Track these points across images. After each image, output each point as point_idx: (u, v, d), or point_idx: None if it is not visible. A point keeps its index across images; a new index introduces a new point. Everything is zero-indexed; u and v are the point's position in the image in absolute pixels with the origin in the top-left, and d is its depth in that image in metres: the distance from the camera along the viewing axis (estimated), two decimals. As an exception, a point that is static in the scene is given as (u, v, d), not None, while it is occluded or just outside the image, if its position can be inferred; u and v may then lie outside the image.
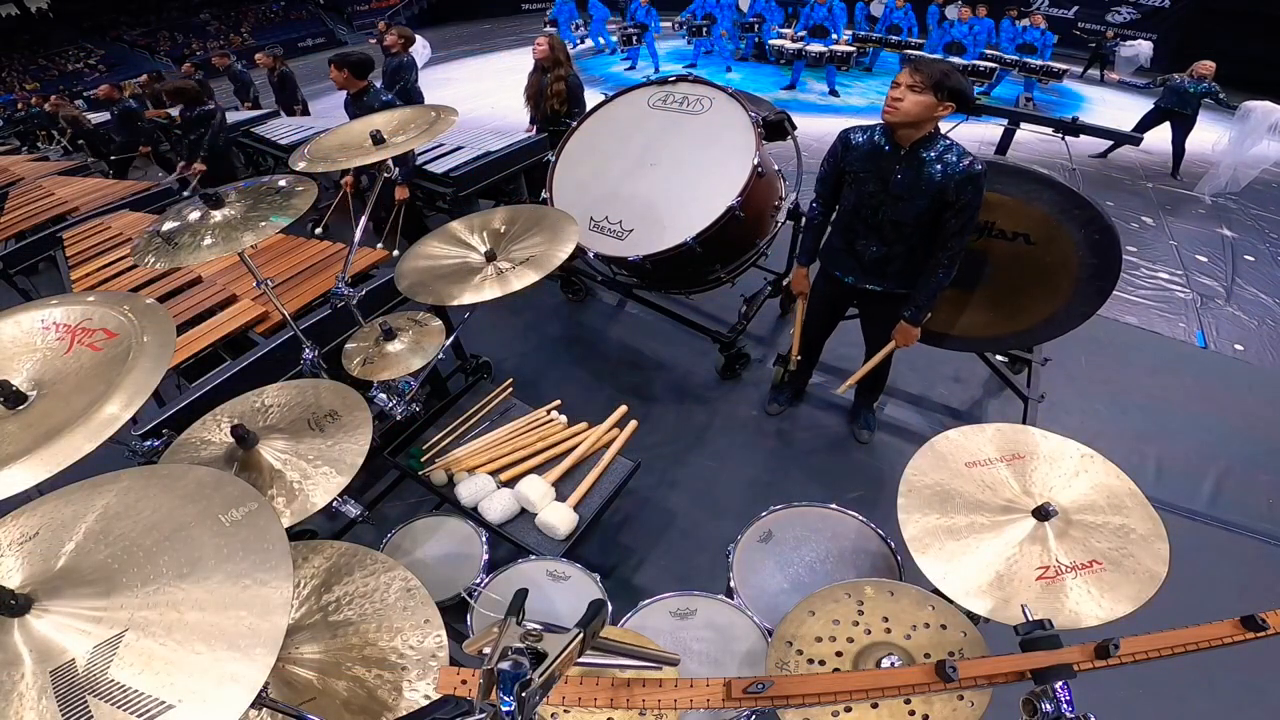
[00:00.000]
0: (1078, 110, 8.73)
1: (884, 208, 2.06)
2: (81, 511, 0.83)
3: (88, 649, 0.68)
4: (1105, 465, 1.24)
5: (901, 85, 1.85)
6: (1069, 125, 2.65)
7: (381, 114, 2.15)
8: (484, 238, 2.02)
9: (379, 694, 1.13)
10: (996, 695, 0.96)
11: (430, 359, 1.93)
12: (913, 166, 1.95)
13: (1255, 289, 4.33)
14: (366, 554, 1.32)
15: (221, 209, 1.65)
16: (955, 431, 1.31)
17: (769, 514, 1.71)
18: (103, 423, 0.95)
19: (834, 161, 2.16)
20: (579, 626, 0.74)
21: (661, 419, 3.00)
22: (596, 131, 3.07)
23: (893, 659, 1.08)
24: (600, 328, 3.77)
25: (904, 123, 1.89)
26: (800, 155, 3.15)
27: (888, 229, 2.10)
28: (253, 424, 1.51)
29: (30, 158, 5.94)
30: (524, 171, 4.11)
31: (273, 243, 2.74)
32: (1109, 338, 3.50)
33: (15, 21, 18.21)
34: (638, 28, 9.99)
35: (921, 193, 1.96)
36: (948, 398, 3.13)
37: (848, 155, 2.10)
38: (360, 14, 19.90)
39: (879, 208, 2.07)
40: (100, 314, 1.14)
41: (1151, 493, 1.20)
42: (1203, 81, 5.95)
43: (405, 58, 5.43)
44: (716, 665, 1.43)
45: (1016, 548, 1.12)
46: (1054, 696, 0.84)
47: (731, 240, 2.73)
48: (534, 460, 2.05)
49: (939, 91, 1.82)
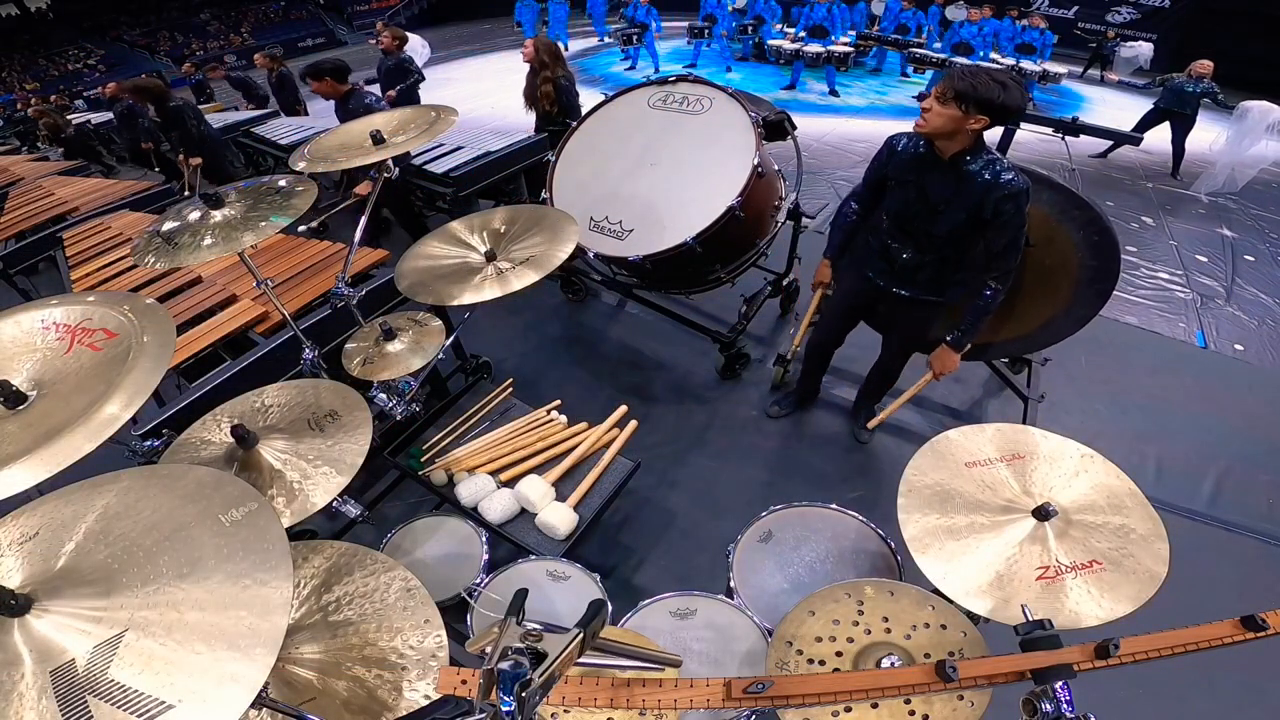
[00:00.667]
0: (1078, 110, 8.73)
1: (919, 218, 2.01)
2: (81, 511, 0.83)
3: (88, 649, 0.68)
4: (1105, 465, 1.24)
5: (932, 95, 1.79)
6: (1069, 125, 2.66)
7: (381, 114, 2.15)
8: (484, 238, 2.02)
9: (379, 694, 1.13)
10: (996, 695, 0.97)
11: (430, 359, 1.93)
12: (952, 178, 1.89)
13: (1255, 289, 4.33)
14: (366, 554, 1.32)
15: (221, 209, 1.65)
16: (955, 431, 1.31)
17: (769, 514, 1.71)
18: (103, 423, 0.95)
19: (878, 166, 2.11)
20: (579, 626, 0.74)
21: (661, 419, 3.00)
22: (596, 131, 3.07)
23: (893, 659, 1.08)
24: (600, 328, 3.77)
25: (934, 134, 1.83)
26: (800, 155, 3.15)
27: (922, 239, 2.06)
28: (253, 424, 1.51)
29: (30, 158, 5.94)
30: (524, 171, 4.12)
31: (273, 243, 2.73)
32: (1109, 338, 3.50)
33: (15, 21, 18.21)
34: (638, 28, 10.00)
35: (959, 206, 1.90)
36: (948, 398, 3.13)
37: (891, 160, 2.05)
38: (360, 14, 19.91)
39: (915, 217, 2.02)
40: (100, 314, 1.14)
41: (1151, 493, 1.20)
42: (1201, 81, 5.95)
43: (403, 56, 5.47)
44: (716, 665, 1.43)
45: (1016, 548, 1.12)
46: (1054, 696, 0.84)
47: (731, 240, 2.73)
48: (534, 460, 2.05)
49: (963, 103, 1.72)
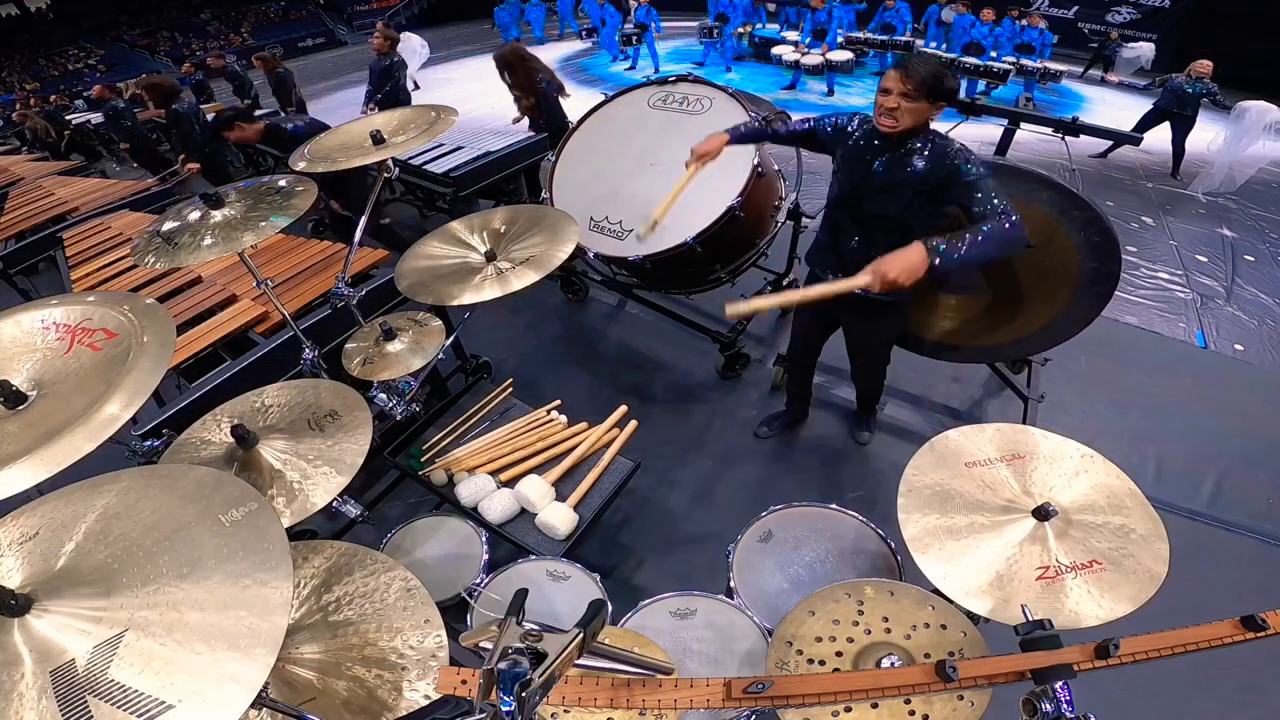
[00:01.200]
0: (1078, 110, 8.73)
1: (867, 199, 1.99)
2: (81, 511, 0.83)
3: (88, 649, 0.68)
4: (1105, 465, 1.24)
5: (894, 93, 1.74)
6: (1069, 125, 2.65)
7: (382, 114, 2.15)
8: (484, 238, 2.02)
9: (379, 694, 1.13)
10: (996, 695, 0.96)
11: (430, 359, 1.93)
12: (901, 156, 1.87)
13: (1255, 289, 4.33)
14: (366, 554, 1.32)
15: (221, 209, 1.66)
16: (955, 431, 1.31)
17: (769, 514, 1.71)
18: (103, 423, 0.95)
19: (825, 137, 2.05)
20: (579, 626, 0.74)
21: (661, 419, 3.00)
22: (596, 131, 3.07)
23: (893, 659, 1.08)
24: (600, 328, 3.77)
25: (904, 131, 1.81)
26: (800, 155, 3.14)
27: (870, 221, 2.02)
28: (253, 424, 1.51)
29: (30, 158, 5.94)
30: (524, 171, 4.12)
31: (273, 243, 2.74)
32: (1109, 338, 3.50)
33: (15, 21, 18.22)
34: (638, 28, 10.01)
35: (906, 182, 1.88)
36: (948, 398, 3.13)
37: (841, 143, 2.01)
38: (360, 14, 19.88)
39: (863, 199, 2.00)
40: (100, 314, 1.14)
41: (1151, 493, 1.20)
42: (1201, 81, 5.95)
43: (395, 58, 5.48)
44: (716, 665, 1.43)
45: (1016, 548, 1.12)
46: (1054, 696, 0.84)
47: (731, 240, 2.73)
48: (534, 460, 2.05)
49: (934, 95, 1.73)
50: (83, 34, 18.66)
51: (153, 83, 4.77)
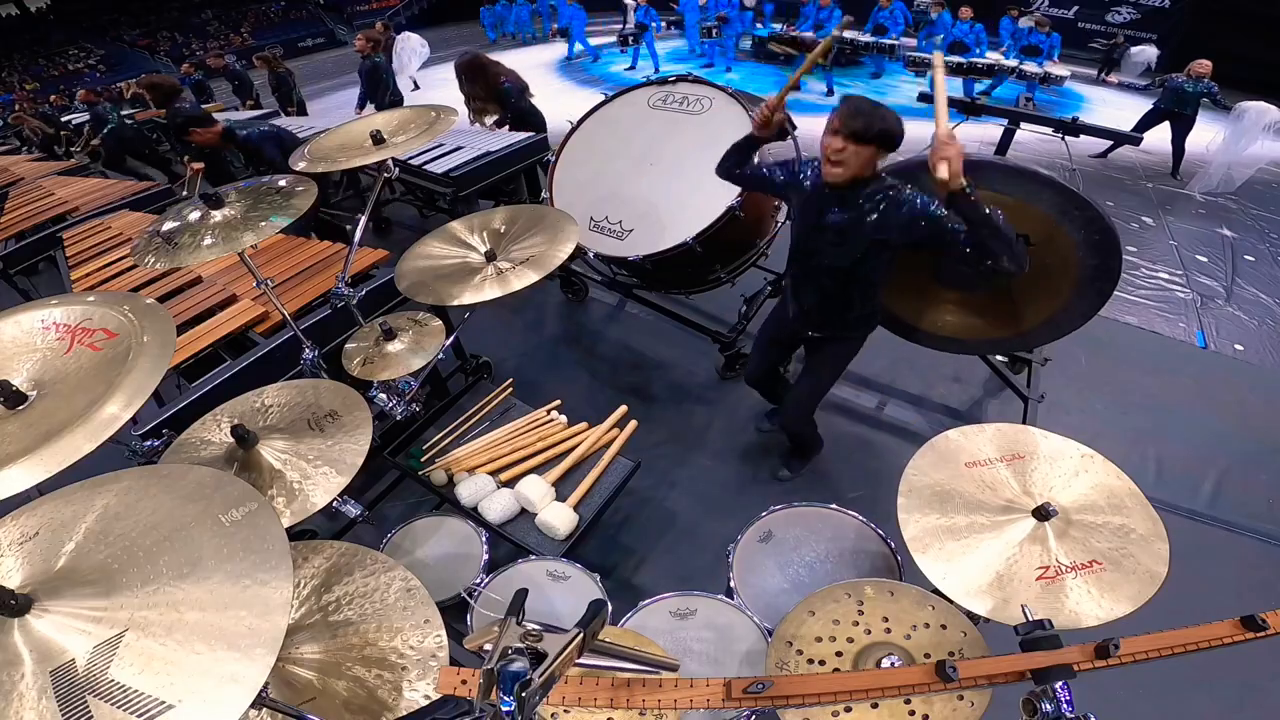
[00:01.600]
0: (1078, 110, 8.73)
1: (820, 253, 1.92)
2: (81, 511, 0.83)
3: (88, 649, 0.68)
4: (1105, 465, 1.24)
5: (840, 137, 1.67)
6: (1069, 125, 2.65)
7: (382, 114, 2.15)
8: (484, 238, 2.03)
9: (379, 694, 1.13)
10: (996, 695, 0.96)
11: (430, 359, 1.93)
12: (852, 207, 1.80)
13: (1255, 289, 4.33)
14: (366, 554, 1.32)
15: (221, 209, 1.66)
16: (955, 431, 1.31)
17: (769, 514, 1.71)
18: (103, 423, 0.95)
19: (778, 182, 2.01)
20: (579, 626, 0.74)
21: (661, 419, 3.00)
22: (596, 132, 3.07)
23: (893, 659, 1.08)
24: (600, 328, 3.76)
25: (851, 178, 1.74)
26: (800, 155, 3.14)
27: (825, 275, 1.96)
28: (253, 424, 1.51)
29: (30, 158, 5.94)
30: (523, 172, 4.12)
31: (273, 243, 2.74)
32: (1109, 338, 3.50)
33: (15, 21, 18.23)
34: (638, 28, 10.00)
35: (860, 234, 1.81)
36: (947, 398, 3.13)
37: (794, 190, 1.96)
38: (360, 14, 19.89)
39: (816, 251, 1.93)
40: (100, 314, 1.14)
41: (1151, 493, 1.20)
42: (1200, 81, 5.95)
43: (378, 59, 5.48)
44: (716, 665, 1.43)
45: (1016, 548, 1.12)
46: (1054, 696, 0.84)
47: (731, 240, 2.73)
48: (534, 460, 2.05)
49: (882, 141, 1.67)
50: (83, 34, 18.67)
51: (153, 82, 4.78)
